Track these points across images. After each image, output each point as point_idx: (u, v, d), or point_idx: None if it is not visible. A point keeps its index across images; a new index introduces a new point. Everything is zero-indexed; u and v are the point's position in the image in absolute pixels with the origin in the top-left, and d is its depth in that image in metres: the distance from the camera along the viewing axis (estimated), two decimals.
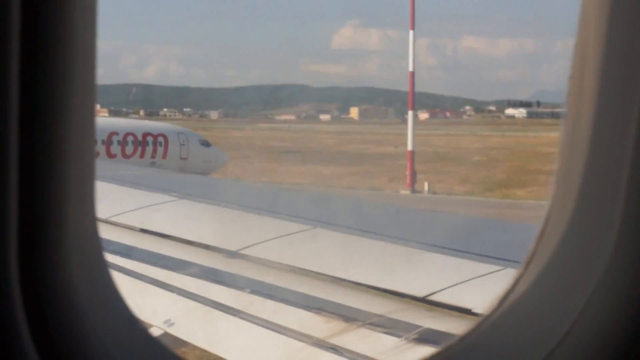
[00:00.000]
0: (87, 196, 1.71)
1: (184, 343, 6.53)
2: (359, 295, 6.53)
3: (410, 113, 60.26)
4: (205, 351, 6.44)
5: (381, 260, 7.38)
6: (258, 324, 6.20)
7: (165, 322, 6.64)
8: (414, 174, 57.75)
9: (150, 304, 6.99)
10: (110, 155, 47.82)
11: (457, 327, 5.59)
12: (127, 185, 11.71)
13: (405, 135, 60.52)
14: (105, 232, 8.81)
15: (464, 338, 2.14)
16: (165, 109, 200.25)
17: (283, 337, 5.93)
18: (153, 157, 49.74)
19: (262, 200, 12.06)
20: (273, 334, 6.02)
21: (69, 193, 1.60)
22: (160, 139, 50.57)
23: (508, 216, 35.02)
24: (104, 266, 1.81)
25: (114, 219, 9.25)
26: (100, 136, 48.74)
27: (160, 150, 50.24)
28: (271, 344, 5.97)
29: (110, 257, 7.92)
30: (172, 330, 6.54)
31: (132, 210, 9.69)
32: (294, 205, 11.22)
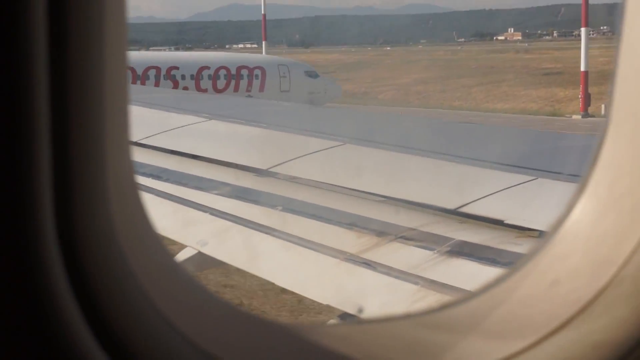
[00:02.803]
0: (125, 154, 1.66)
1: (217, 262, 6.58)
2: (390, 209, 6.51)
3: (583, 30, 57.44)
4: (239, 269, 6.50)
5: (412, 173, 7.33)
6: (290, 241, 6.22)
7: (198, 242, 6.68)
8: (587, 97, 56.06)
9: (183, 225, 7.04)
10: (201, 90, 47.22)
11: (489, 238, 5.56)
12: (157, 108, 11.71)
13: None
14: (136, 155, 8.89)
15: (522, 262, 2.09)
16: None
17: (315, 254, 5.94)
18: (248, 90, 49.07)
19: (293, 119, 12.01)
20: (305, 250, 6.03)
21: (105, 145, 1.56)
22: (257, 71, 49.71)
23: None
24: (144, 212, 1.77)
25: (144, 141, 9.27)
26: (189, 71, 48.33)
27: (256, 83, 49.41)
28: (304, 260, 5.99)
29: (141, 180, 8.00)
30: (205, 250, 6.58)
31: (162, 132, 9.69)
32: (327, 123, 11.17)
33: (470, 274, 5.15)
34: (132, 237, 1.65)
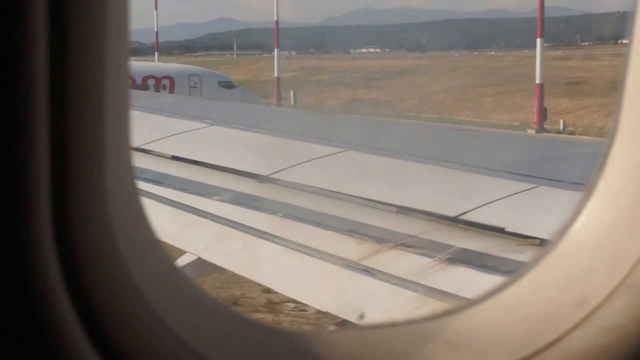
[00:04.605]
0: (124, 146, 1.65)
1: (217, 268, 6.57)
2: (391, 216, 6.49)
3: (538, 40, 56.68)
4: (237, 274, 6.49)
5: (412, 180, 7.32)
6: (290, 248, 6.20)
7: (198, 248, 6.67)
8: (542, 111, 55.39)
9: (183, 231, 7.03)
10: None
11: (489, 246, 5.55)
12: (159, 113, 11.71)
13: None
14: (137, 160, 8.89)
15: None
16: None
17: (315, 260, 5.93)
18: None
19: (295, 124, 12.01)
20: (305, 257, 6.02)
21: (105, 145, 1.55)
22: (165, 81, 48.89)
23: None
24: (143, 216, 1.75)
25: (145, 147, 9.27)
26: None
27: (163, 93, 48.75)
28: (304, 267, 5.98)
29: (142, 185, 7.99)
30: (205, 256, 6.57)
31: (164, 138, 9.69)
32: (327, 130, 11.16)
33: (470, 282, 5.14)
34: (131, 241, 1.64)
